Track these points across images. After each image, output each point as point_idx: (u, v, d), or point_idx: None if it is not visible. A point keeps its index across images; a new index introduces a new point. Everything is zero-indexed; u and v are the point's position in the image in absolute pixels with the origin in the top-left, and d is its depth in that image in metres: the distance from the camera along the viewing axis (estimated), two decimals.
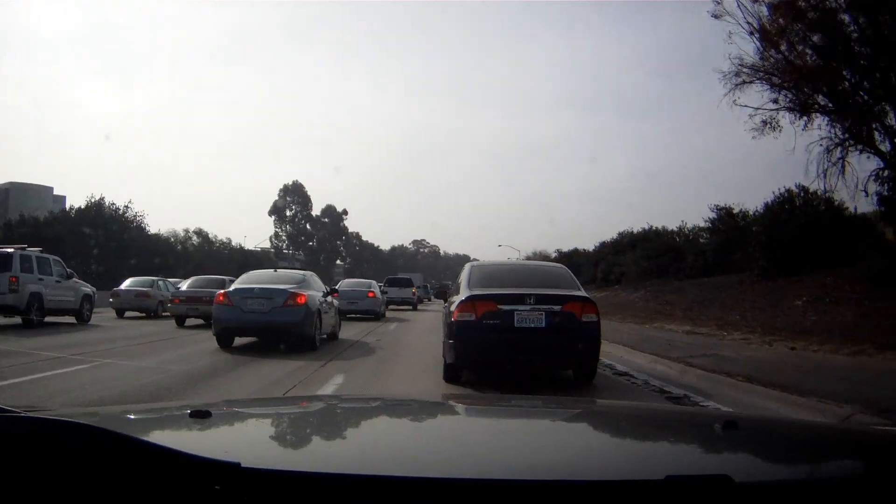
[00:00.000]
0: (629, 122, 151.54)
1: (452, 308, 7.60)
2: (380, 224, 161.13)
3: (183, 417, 1.65)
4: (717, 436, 1.60)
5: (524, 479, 1.12)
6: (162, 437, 1.50)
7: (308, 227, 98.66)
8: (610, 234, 42.89)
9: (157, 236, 56.96)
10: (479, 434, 1.80)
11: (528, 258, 47.30)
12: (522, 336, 7.13)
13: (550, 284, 7.95)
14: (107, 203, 50.41)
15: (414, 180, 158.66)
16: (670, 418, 2.18)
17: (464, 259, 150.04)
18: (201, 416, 1.53)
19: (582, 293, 7.86)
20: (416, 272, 51.48)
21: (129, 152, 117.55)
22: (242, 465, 0.99)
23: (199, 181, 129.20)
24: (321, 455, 1.48)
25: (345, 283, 23.70)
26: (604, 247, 38.36)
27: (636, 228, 35.78)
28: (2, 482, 0.97)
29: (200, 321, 16.76)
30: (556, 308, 7.26)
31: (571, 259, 38.23)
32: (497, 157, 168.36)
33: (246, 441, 1.62)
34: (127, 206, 51.81)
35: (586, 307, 7.43)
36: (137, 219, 51.88)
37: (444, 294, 9.98)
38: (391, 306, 29.81)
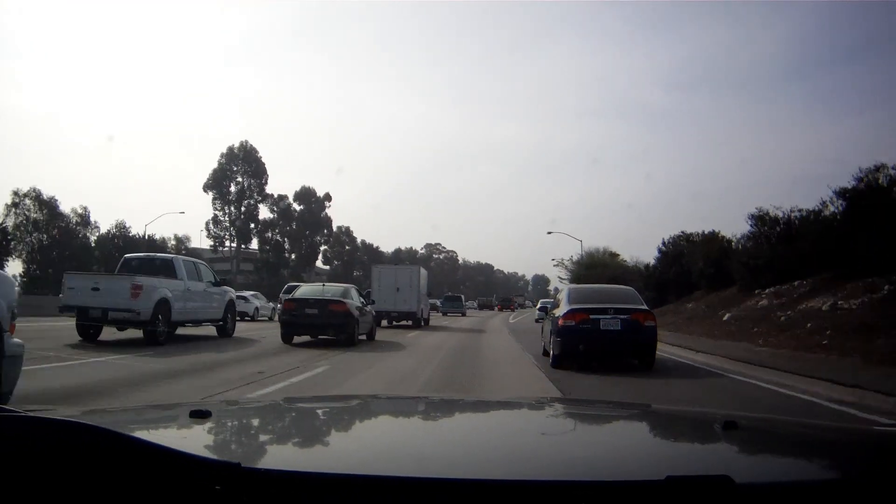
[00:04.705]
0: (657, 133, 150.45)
1: (558, 317, 11.27)
2: (390, 231, 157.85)
3: (183, 417, 1.64)
4: (718, 436, 1.60)
5: (525, 480, 1.12)
6: (162, 437, 1.50)
7: (262, 210, 66.66)
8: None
9: None
10: (480, 434, 1.80)
11: (589, 252, 50.65)
12: (606, 335, 10.68)
13: (623, 301, 11.46)
14: None
15: (433, 189, 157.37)
16: (671, 419, 2.18)
17: (486, 268, 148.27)
18: (201, 416, 1.53)
19: (644, 307, 11.43)
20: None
21: (130, 155, 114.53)
22: (242, 465, 0.99)
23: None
24: (321, 455, 1.48)
25: None
26: None
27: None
28: (2, 482, 0.97)
29: None
30: (627, 317, 10.77)
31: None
32: (520, 166, 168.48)
33: (246, 441, 1.62)
34: None
35: (647, 316, 11.06)
36: None
37: (548, 311, 14.10)
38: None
